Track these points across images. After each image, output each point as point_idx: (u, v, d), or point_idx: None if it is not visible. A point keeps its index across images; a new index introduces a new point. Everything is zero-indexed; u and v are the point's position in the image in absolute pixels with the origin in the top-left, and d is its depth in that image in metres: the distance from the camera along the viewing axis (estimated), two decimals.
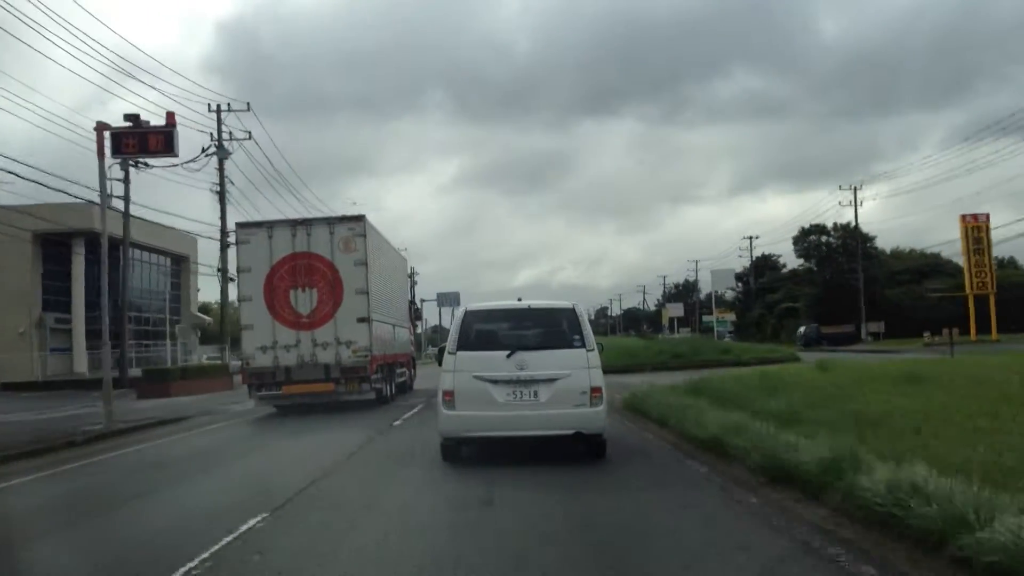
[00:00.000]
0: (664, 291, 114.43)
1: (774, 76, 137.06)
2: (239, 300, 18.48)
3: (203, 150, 34.31)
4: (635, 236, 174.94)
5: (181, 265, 46.24)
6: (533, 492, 7.73)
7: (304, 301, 17.75)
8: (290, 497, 7.78)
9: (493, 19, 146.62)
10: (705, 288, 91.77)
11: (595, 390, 9.05)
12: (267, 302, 17.68)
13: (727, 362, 30.05)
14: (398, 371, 22.27)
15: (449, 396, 9.16)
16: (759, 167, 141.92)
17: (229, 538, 6.03)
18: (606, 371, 9.29)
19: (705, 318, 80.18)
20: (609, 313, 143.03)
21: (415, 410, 17.81)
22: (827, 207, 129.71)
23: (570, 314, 9.56)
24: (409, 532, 6.46)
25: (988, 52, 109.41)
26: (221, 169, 35.57)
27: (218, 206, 36.15)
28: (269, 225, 18.41)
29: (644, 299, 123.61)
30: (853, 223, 62.86)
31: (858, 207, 60.39)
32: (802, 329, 59.95)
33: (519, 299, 10.14)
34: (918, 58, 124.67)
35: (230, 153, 35.28)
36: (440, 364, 9.65)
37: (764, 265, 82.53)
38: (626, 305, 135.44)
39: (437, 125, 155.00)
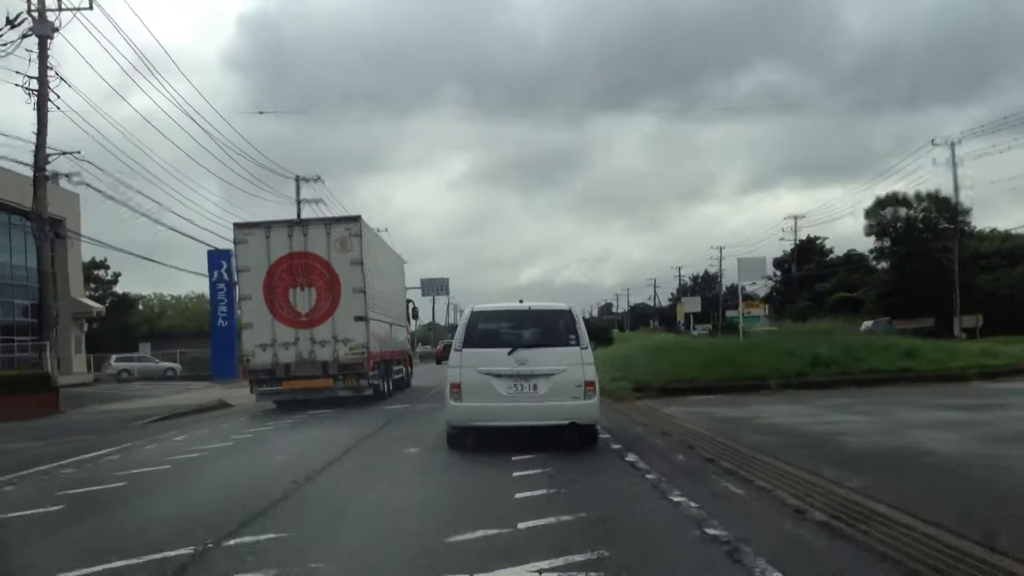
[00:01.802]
0: (680, 284, 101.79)
1: (795, 71, 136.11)
2: (239, 299, 18.86)
3: (9, 22, 22.45)
4: (643, 234, 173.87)
5: (57, 231, 32.43)
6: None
7: (303, 300, 18.21)
8: None
9: (515, 12, 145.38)
10: (730, 279, 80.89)
11: (588, 384, 9.86)
12: (266, 301, 18.14)
13: (921, 375, 17.85)
14: (395, 368, 22.79)
15: (456, 388, 9.95)
16: (775, 163, 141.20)
17: None
18: (687, 390, 10.15)
19: (729, 313, 70.51)
20: (614, 309, 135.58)
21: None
22: (843, 205, 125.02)
23: (567, 315, 10.43)
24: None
25: (1011, 47, 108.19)
26: (42, 56, 23.03)
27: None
28: (267, 225, 18.87)
29: (655, 293, 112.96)
30: (933, 191, 52.20)
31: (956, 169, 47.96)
32: (868, 324, 47.14)
33: (520, 301, 11.03)
34: (941, 52, 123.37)
35: (56, 29, 23.27)
36: (438, 363, 10.40)
37: (809, 250, 70.20)
38: (634, 301, 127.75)
39: (450, 121, 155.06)
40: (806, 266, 67.56)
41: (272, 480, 8.53)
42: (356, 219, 19.11)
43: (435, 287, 68.23)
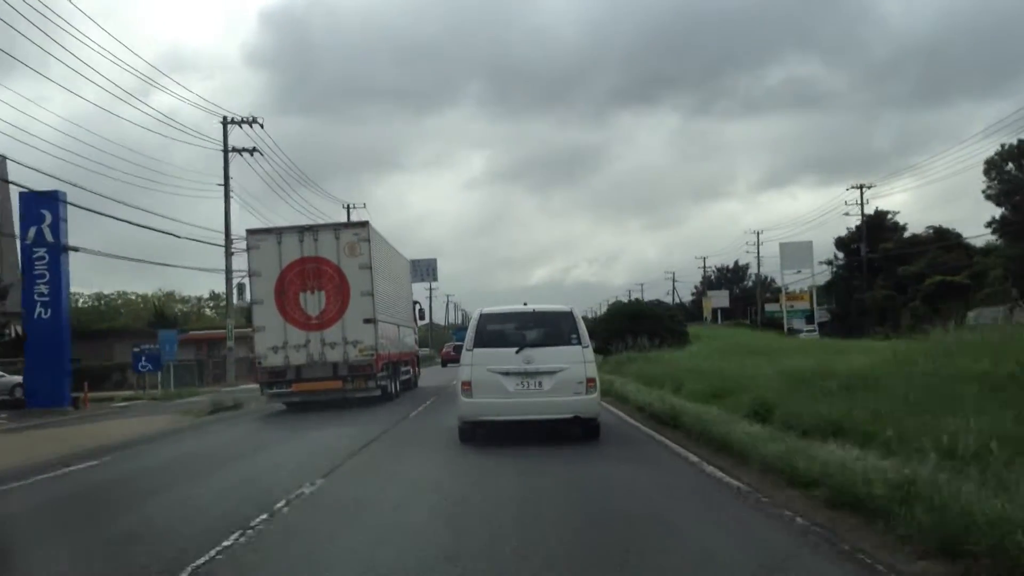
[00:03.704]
0: (704, 276, 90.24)
1: (821, 66, 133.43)
2: (251, 303, 19.41)
3: None
4: (658, 232, 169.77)
5: None
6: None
7: (313, 303, 18.76)
8: None
9: (541, 7, 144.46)
10: (772, 271, 68.67)
11: (590, 380, 10.58)
12: (278, 305, 18.71)
13: None
14: (403, 369, 23.40)
15: (467, 386, 10.69)
16: (793, 160, 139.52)
17: None
18: None
19: (768, 307, 62.54)
20: None
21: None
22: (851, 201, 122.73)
23: (568, 316, 11.18)
24: None
25: None
26: None
27: None
28: (278, 231, 19.53)
29: (674, 288, 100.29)
30: None
31: None
32: (973, 315, 33.96)
33: (524, 303, 11.90)
34: (971, 45, 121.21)
35: None
36: (443, 366, 10.99)
37: (878, 227, 56.07)
38: (649, 296, 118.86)
39: (471, 119, 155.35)
40: (883, 245, 52.73)
41: None
42: (364, 224, 19.79)
43: (420, 270, 59.55)
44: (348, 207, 47.88)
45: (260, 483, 8.85)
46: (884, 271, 51.59)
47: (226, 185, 34.69)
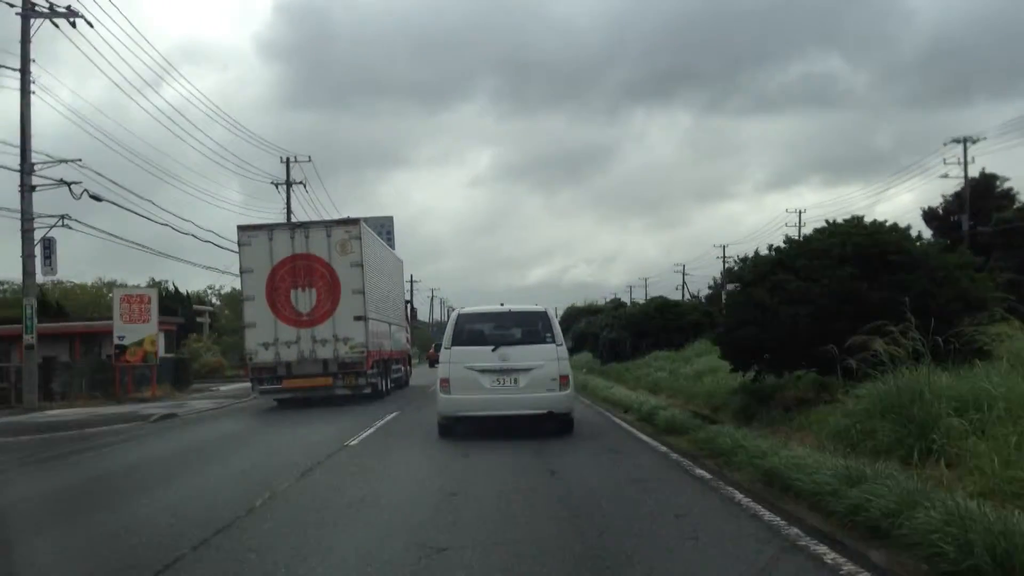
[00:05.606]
0: (724, 268, 74.75)
1: (841, 63, 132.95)
2: (242, 300, 19.55)
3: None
4: (659, 232, 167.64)
5: None
6: None
7: (304, 300, 18.92)
8: None
9: (559, 2, 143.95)
10: None
11: (563, 378, 11.08)
12: (269, 301, 18.87)
13: None
14: (394, 367, 23.54)
15: (445, 383, 11.13)
16: (802, 160, 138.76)
17: None
18: None
19: None
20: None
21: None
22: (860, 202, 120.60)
23: (543, 316, 11.69)
24: None
25: None
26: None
27: None
28: (269, 228, 19.70)
29: (684, 283, 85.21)
30: None
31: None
32: None
33: (501, 304, 12.39)
34: (990, 44, 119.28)
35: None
36: (431, 367, 11.23)
37: (985, 195, 40.25)
38: (654, 293, 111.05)
39: (481, 115, 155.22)
40: (999, 215, 37.70)
41: None
42: (356, 222, 19.91)
43: (375, 226, 52.35)
44: (288, 160, 37.50)
45: None
46: (1001, 249, 35.81)
47: (24, 71, 21.03)
